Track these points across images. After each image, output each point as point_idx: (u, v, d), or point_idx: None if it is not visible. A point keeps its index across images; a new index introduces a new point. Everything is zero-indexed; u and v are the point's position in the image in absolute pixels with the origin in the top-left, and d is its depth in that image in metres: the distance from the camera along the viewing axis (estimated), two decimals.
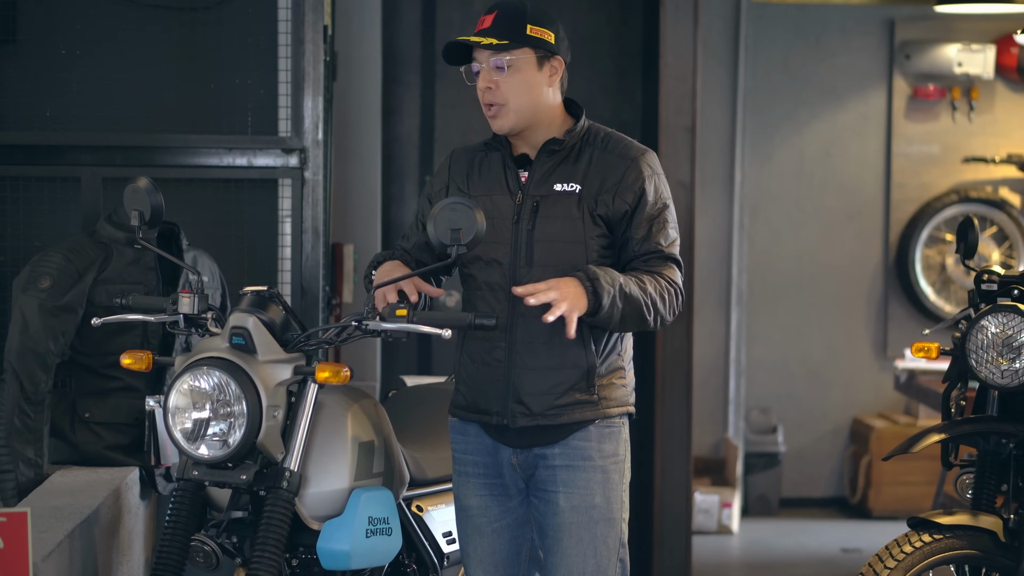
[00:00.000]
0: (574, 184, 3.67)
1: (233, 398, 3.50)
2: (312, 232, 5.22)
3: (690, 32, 6.44)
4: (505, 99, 3.67)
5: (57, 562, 3.50)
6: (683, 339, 6.47)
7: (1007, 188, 8.68)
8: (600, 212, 3.65)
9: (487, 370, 3.71)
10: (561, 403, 3.67)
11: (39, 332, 4.42)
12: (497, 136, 3.77)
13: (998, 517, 4.24)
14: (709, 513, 8.02)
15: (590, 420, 3.70)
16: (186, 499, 3.59)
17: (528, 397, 3.67)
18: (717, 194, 8.53)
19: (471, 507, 3.81)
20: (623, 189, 3.66)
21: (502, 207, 3.70)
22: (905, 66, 8.64)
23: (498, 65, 3.65)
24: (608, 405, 3.71)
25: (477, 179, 3.77)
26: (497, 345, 3.69)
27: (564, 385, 3.67)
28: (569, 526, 3.68)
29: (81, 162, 5.10)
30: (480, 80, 3.69)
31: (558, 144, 3.71)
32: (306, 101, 5.20)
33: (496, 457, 3.76)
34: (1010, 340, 4.28)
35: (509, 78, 3.66)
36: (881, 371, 8.68)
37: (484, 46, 3.64)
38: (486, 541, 3.81)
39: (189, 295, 3.69)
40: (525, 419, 3.68)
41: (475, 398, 3.75)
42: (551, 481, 3.70)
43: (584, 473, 3.69)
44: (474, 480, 3.80)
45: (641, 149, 3.73)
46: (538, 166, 3.71)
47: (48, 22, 5.18)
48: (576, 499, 3.68)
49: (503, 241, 3.68)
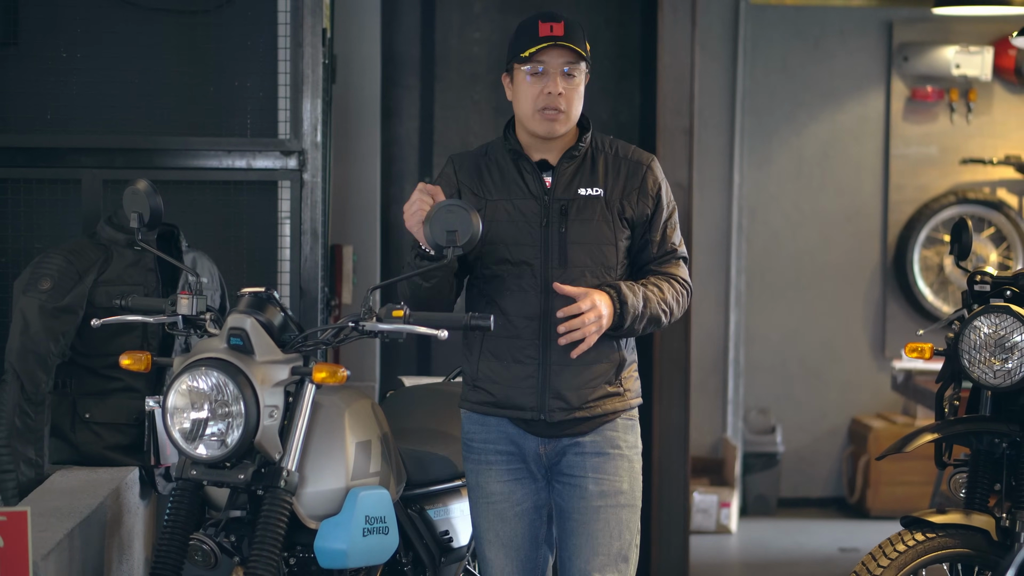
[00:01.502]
0: (597, 188, 3.88)
1: (231, 398, 3.52)
2: (311, 234, 5.24)
3: (688, 34, 6.46)
4: (568, 106, 3.85)
5: (57, 561, 3.52)
6: (681, 339, 6.50)
7: (1005, 189, 8.70)
8: (627, 215, 3.88)
9: (519, 368, 3.85)
10: (595, 396, 3.86)
11: (40, 333, 4.44)
12: (508, 142, 3.90)
13: (991, 516, 4.26)
14: (707, 513, 8.04)
15: (619, 411, 3.90)
16: (185, 498, 3.61)
17: (567, 392, 3.84)
18: (716, 195, 8.55)
19: (494, 493, 3.92)
20: (644, 193, 3.90)
21: (527, 211, 3.86)
22: (903, 68, 8.66)
23: (570, 74, 3.84)
24: (631, 396, 3.94)
25: (491, 184, 3.90)
26: (531, 343, 3.83)
27: (600, 379, 3.87)
28: (597, 510, 3.86)
29: (81, 164, 5.12)
30: (551, 84, 3.83)
31: (577, 151, 3.90)
32: (305, 103, 5.22)
33: (521, 445, 3.90)
34: (1003, 340, 4.30)
35: (577, 87, 3.86)
36: (879, 371, 8.70)
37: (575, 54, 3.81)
38: (508, 526, 3.93)
39: (188, 296, 3.72)
40: (563, 413, 3.85)
41: (506, 394, 3.86)
42: (580, 467, 3.87)
43: (613, 461, 3.88)
44: (496, 467, 3.92)
45: (649, 155, 3.98)
46: (560, 172, 3.89)
47: (49, 25, 5.21)
48: (605, 484, 3.87)
49: (532, 244, 3.84)
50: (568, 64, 3.83)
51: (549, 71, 3.83)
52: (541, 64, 3.82)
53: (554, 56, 3.82)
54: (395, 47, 7.16)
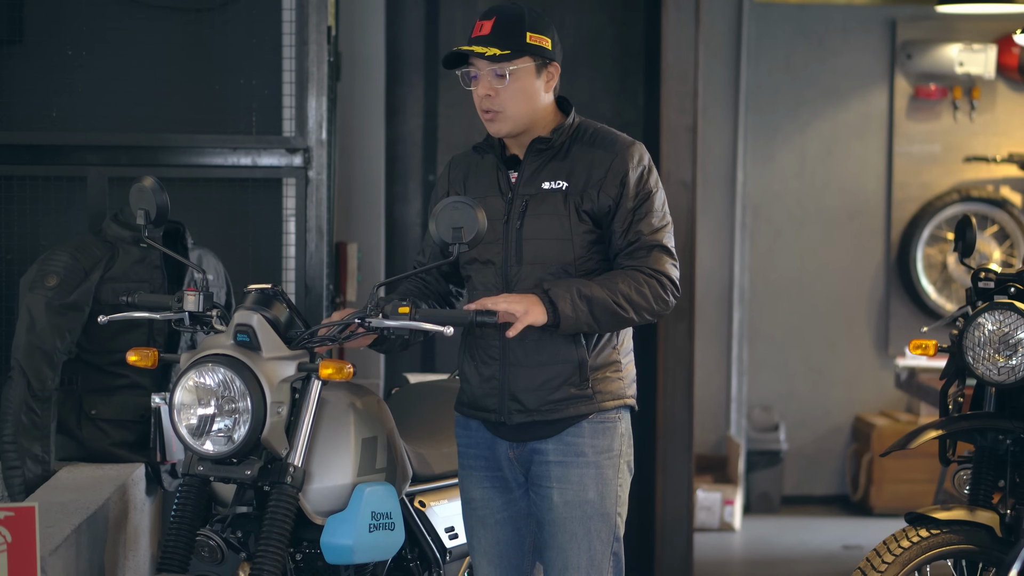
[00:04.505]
0: (561, 182, 3.70)
1: (238, 394, 3.53)
2: (316, 231, 5.25)
3: (692, 32, 6.46)
4: (503, 106, 3.68)
5: (64, 556, 3.53)
6: (685, 337, 6.50)
7: (1008, 187, 8.70)
8: (586, 208, 3.68)
9: (485, 368, 3.76)
10: (555, 398, 3.71)
11: (46, 330, 4.46)
12: (489, 138, 3.80)
13: (995, 512, 4.26)
14: (711, 510, 8.05)
15: (584, 415, 3.73)
16: (191, 494, 3.62)
17: (522, 393, 3.71)
18: (719, 193, 8.55)
19: (475, 499, 3.87)
20: (607, 184, 3.68)
21: (494, 208, 3.73)
22: (907, 66, 8.66)
23: (499, 74, 3.66)
24: (603, 399, 3.74)
25: (473, 183, 3.82)
26: (492, 344, 3.73)
27: (557, 380, 3.70)
28: (563, 520, 3.72)
29: (87, 162, 5.13)
30: (479, 87, 3.69)
31: (544, 143, 3.73)
32: (310, 101, 5.23)
33: (494, 451, 3.81)
34: (1007, 337, 4.31)
35: (509, 87, 3.67)
36: (882, 369, 8.70)
37: (487, 57, 3.64)
38: (490, 533, 3.86)
39: (194, 293, 3.72)
40: (521, 415, 3.73)
41: (474, 396, 3.80)
42: (545, 477, 3.75)
43: (577, 469, 3.72)
44: (476, 473, 3.85)
45: (627, 142, 3.74)
46: (527, 165, 3.74)
47: (55, 23, 5.22)
48: (570, 494, 3.72)
49: (495, 241, 3.72)
50: (493, 65, 3.65)
51: (479, 74, 3.69)
52: (473, 67, 3.70)
53: (477, 59, 3.68)
54: (399, 45, 7.17)
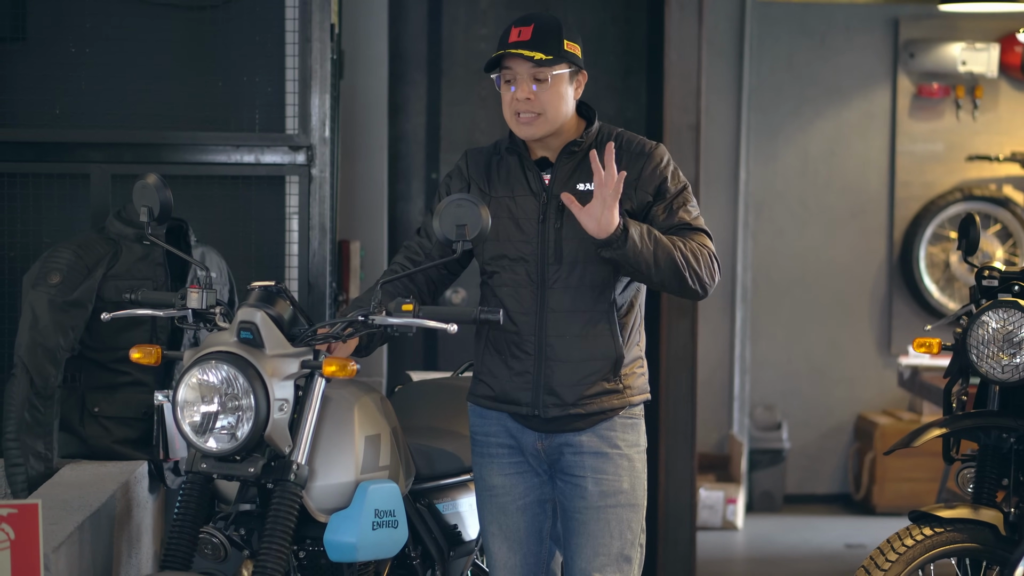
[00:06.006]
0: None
1: (241, 392, 3.53)
2: (319, 229, 5.25)
3: (695, 31, 6.46)
4: (544, 109, 3.80)
5: (67, 554, 3.53)
6: (687, 336, 6.50)
7: (1011, 186, 8.70)
8: (625, 207, 3.79)
9: (516, 363, 3.85)
10: (591, 392, 3.83)
11: (49, 327, 4.45)
12: (514, 139, 3.89)
13: (999, 511, 4.27)
14: (714, 509, 8.05)
15: (617, 409, 3.86)
16: (194, 492, 3.62)
17: (561, 388, 3.81)
18: (722, 192, 8.55)
19: (496, 486, 3.94)
20: (643, 182, 3.82)
21: (527, 208, 3.85)
22: (909, 64, 8.66)
23: (540, 78, 3.78)
24: (632, 393, 3.88)
25: (497, 181, 3.90)
26: (527, 339, 3.82)
27: (595, 375, 3.83)
28: (597, 509, 3.84)
29: (90, 159, 5.13)
30: (519, 90, 3.79)
31: (577, 146, 3.86)
32: (313, 99, 5.23)
33: (520, 440, 3.90)
34: (1011, 335, 4.31)
35: (548, 91, 3.79)
36: (885, 368, 8.70)
37: (535, 61, 3.75)
38: (510, 519, 3.93)
39: (197, 290, 3.72)
40: (557, 409, 3.83)
41: (503, 389, 3.87)
42: (579, 467, 3.85)
43: (613, 461, 3.85)
44: (498, 460, 3.93)
45: (653, 143, 3.89)
46: (559, 168, 3.86)
47: (57, 20, 5.21)
48: (605, 484, 3.84)
49: (529, 240, 3.83)
50: (535, 69, 3.78)
51: (517, 77, 3.80)
52: (509, 71, 3.81)
53: (518, 63, 3.79)
54: (402, 43, 7.17)
